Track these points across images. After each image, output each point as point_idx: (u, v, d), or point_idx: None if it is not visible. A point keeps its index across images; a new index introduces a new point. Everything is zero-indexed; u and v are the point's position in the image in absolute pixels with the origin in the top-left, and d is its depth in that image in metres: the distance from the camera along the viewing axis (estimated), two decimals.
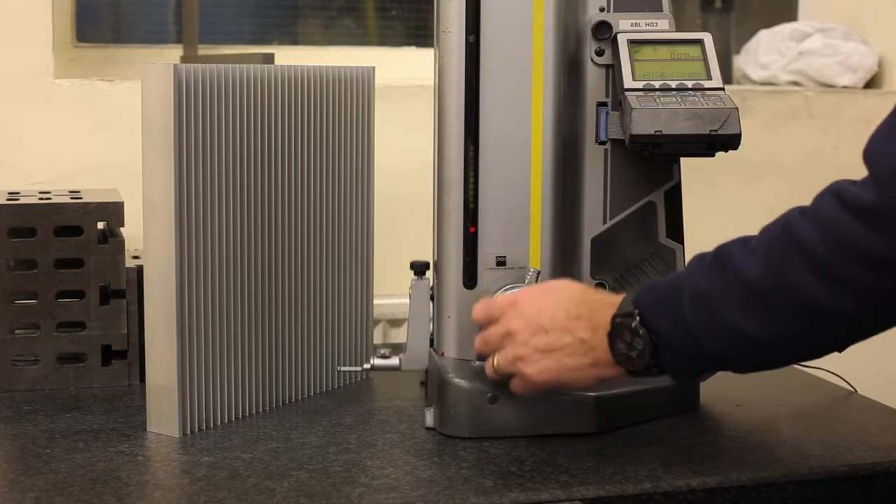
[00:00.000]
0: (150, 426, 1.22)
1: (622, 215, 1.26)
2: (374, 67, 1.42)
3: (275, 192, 1.29)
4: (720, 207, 1.88)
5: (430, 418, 1.22)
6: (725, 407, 1.32)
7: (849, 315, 0.92)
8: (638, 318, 1.02)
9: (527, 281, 1.20)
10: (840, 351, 0.99)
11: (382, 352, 1.29)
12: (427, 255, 1.31)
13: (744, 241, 0.98)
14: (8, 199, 1.39)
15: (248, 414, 1.28)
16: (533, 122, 1.21)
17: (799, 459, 1.15)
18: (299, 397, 1.35)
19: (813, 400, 1.37)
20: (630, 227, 1.27)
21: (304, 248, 1.34)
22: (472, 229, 1.21)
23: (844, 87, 2.05)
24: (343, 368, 1.37)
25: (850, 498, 1.13)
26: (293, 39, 2.16)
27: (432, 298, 1.28)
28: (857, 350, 1.00)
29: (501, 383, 1.15)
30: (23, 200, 1.38)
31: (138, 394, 1.33)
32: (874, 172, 0.89)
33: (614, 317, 1.04)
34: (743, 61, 2.24)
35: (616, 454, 1.15)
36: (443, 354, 1.24)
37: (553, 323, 1.08)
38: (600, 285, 1.26)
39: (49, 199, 1.40)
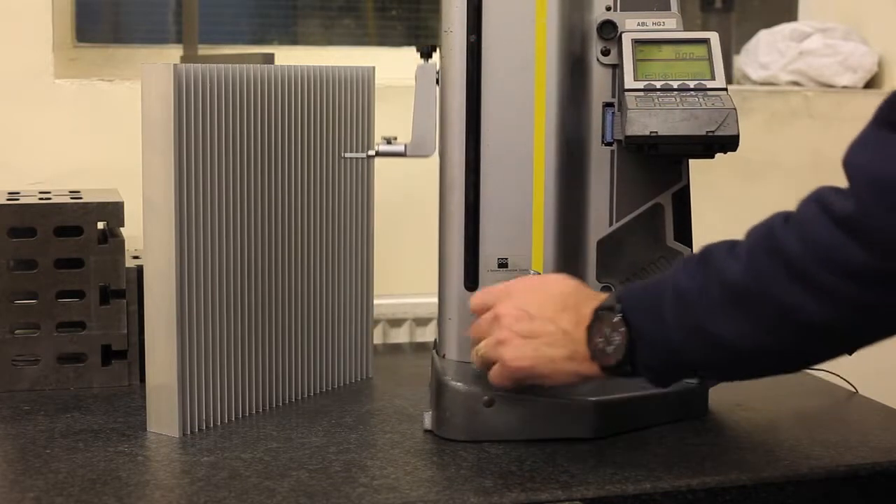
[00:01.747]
0: (150, 426, 1.22)
1: (629, 217, 1.25)
2: (374, 67, 1.42)
3: (275, 192, 1.29)
4: (720, 208, 1.88)
5: (427, 421, 1.22)
6: (726, 407, 1.31)
7: (828, 326, 0.91)
8: (620, 313, 1.01)
9: None
10: (816, 364, 0.98)
11: (387, 138, 1.26)
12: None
13: (730, 245, 0.97)
14: (8, 199, 1.39)
15: (248, 414, 1.28)
16: (535, 122, 1.20)
17: (799, 459, 1.15)
18: (299, 397, 1.35)
19: (813, 400, 1.37)
20: (637, 230, 1.26)
21: (305, 248, 1.34)
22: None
23: (844, 87, 2.05)
24: (347, 155, 1.33)
25: (850, 498, 1.13)
26: (293, 39, 2.16)
27: (438, 83, 1.23)
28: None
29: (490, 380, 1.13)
30: (23, 200, 1.38)
31: (138, 394, 1.33)
32: (853, 183, 0.88)
33: (596, 310, 1.03)
34: (743, 61, 2.24)
35: (616, 454, 1.15)
36: (444, 356, 1.24)
37: (540, 311, 1.07)
38: (606, 288, 1.25)
39: (49, 199, 1.40)
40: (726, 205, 1.91)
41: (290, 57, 1.94)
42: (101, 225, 1.40)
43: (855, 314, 0.90)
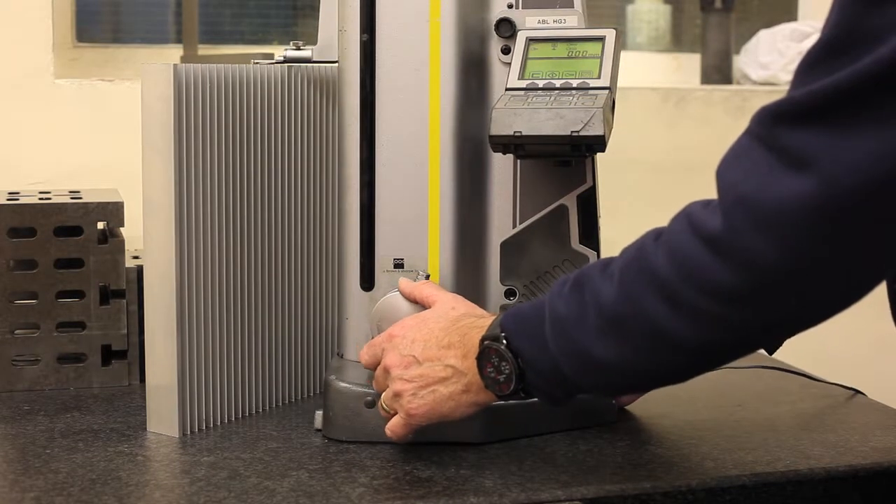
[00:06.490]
0: (150, 426, 1.22)
1: (533, 219, 1.22)
2: None
3: (275, 192, 1.29)
4: None
5: (318, 420, 1.21)
6: (726, 407, 1.32)
7: (701, 344, 0.89)
8: (504, 341, 1.00)
9: None
10: (688, 378, 0.97)
11: (296, 43, 1.26)
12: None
13: (604, 265, 0.96)
14: (8, 199, 1.39)
15: (248, 414, 1.28)
16: (430, 122, 1.17)
17: (799, 459, 1.15)
18: (299, 397, 1.35)
19: (813, 400, 1.37)
20: (541, 232, 1.22)
21: (304, 248, 1.34)
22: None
23: None
24: (255, 62, 1.30)
25: (850, 498, 1.13)
26: (293, 39, 2.15)
27: None
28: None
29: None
30: (23, 200, 1.38)
31: (138, 394, 1.33)
32: (721, 199, 0.86)
33: (482, 339, 1.03)
34: (743, 61, 2.25)
35: (616, 454, 1.16)
36: (342, 356, 1.22)
37: (425, 353, 1.06)
38: (510, 291, 1.22)
39: (49, 199, 1.40)
40: None
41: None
42: (101, 225, 1.40)
43: (725, 333, 0.88)
